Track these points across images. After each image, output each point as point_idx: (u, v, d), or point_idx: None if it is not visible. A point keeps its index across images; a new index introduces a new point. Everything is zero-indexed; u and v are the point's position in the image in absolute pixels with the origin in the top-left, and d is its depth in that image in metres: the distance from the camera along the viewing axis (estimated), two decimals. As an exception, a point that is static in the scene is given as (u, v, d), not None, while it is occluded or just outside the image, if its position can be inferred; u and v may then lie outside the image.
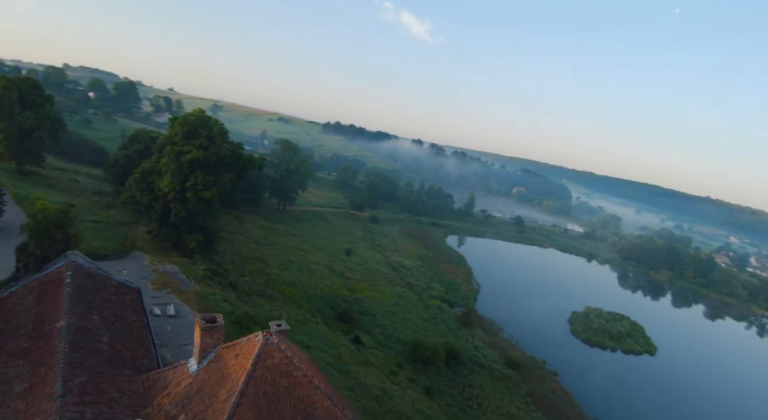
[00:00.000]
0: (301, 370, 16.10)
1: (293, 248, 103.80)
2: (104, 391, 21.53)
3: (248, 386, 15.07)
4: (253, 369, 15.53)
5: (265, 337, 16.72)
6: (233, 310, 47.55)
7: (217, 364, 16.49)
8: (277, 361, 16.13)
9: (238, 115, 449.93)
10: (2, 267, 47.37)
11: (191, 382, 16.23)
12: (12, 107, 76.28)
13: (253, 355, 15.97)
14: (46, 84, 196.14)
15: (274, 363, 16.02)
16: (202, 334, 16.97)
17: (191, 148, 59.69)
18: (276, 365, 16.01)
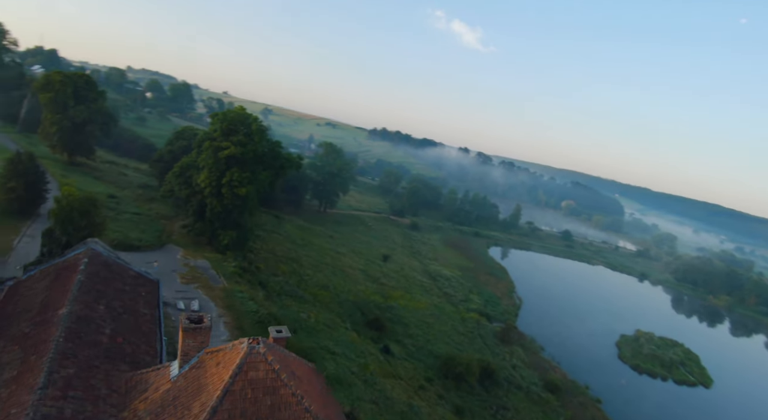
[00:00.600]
0: (290, 387, 13.55)
1: (330, 251, 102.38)
2: (93, 387, 19.88)
3: (224, 402, 12.70)
4: (231, 382, 13.13)
5: (249, 345, 14.30)
6: (258, 309, 45.95)
7: (198, 372, 14.22)
8: (262, 375, 13.66)
9: (287, 119, 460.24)
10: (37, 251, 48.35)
11: (169, 389, 14.06)
12: (66, 101, 79.29)
13: (233, 365, 13.59)
14: (107, 84, 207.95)
15: (257, 377, 13.57)
16: (184, 335, 14.73)
17: (229, 145, 59.22)
18: (260, 380, 13.55)
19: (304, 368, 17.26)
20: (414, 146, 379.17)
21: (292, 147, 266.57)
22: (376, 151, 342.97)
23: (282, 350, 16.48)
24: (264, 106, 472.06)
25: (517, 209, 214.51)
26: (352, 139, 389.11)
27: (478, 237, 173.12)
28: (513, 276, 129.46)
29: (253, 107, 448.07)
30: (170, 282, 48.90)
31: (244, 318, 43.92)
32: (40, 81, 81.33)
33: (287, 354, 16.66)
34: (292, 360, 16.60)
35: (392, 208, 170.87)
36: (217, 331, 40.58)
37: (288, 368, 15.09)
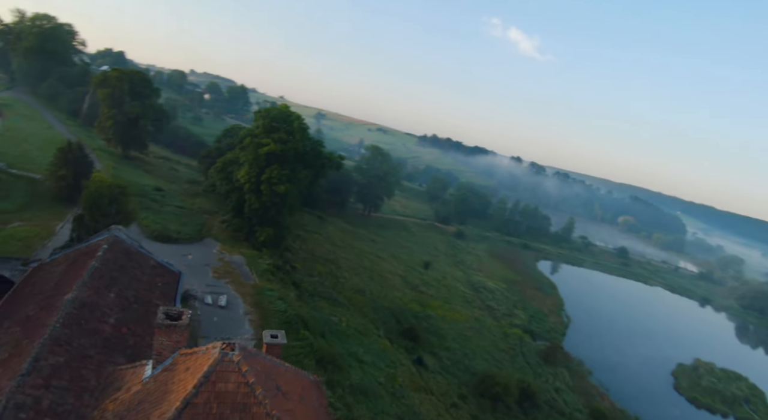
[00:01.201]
0: (264, 405, 11.22)
1: (370, 254, 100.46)
2: (81, 378, 18.49)
3: (182, 415, 10.56)
4: (194, 393, 10.96)
5: (222, 351, 12.07)
6: (286, 309, 44.32)
7: (167, 375, 12.22)
8: (232, 388, 11.41)
9: (339, 124, 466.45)
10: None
11: (138, 392, 12.19)
12: (123, 97, 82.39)
13: (200, 373, 11.43)
14: (168, 85, 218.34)
15: (226, 389, 11.34)
16: (158, 332, 12.74)
17: (269, 141, 58.66)
18: (229, 393, 11.31)
19: (299, 382, 14.90)
20: (464, 154, 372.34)
21: (341, 151, 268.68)
22: (426, 157, 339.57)
23: (269, 359, 14.20)
24: (317, 110, 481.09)
25: (570, 222, 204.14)
26: (402, 145, 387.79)
27: (527, 249, 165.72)
28: (562, 292, 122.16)
29: (306, 111, 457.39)
30: (202, 275, 48.45)
31: (271, 317, 42.40)
32: (99, 77, 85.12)
33: (275, 364, 14.36)
34: (281, 372, 14.27)
35: (438, 215, 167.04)
36: (242, 329, 39.27)
37: (270, 382, 12.80)
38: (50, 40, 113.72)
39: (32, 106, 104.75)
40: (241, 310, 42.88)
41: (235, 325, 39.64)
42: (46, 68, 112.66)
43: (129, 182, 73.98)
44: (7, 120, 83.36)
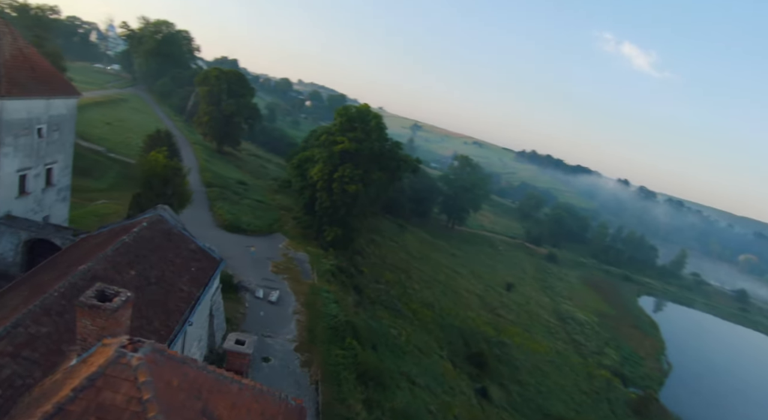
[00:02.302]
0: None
1: (447, 268, 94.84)
2: (59, 353, 16.40)
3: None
4: (71, 398, 7.65)
5: (119, 350, 8.57)
6: (337, 314, 41.02)
7: (78, 368, 9.06)
8: (121, 402, 7.93)
9: (435, 135, 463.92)
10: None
11: (57, 380, 9.19)
12: (220, 95, 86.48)
13: (85, 374, 8.09)
14: (274, 91, 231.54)
15: (113, 402, 7.90)
16: (79, 312, 9.65)
17: (344, 139, 56.67)
18: (115, 408, 7.89)
19: (265, 409, 10.99)
20: (565, 172, 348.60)
21: (433, 162, 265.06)
22: (522, 173, 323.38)
23: (211, 372, 10.47)
24: (414, 122, 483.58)
25: (682, 256, 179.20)
26: (498, 160, 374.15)
27: (628, 281, 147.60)
28: (664, 334, 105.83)
29: (403, 122, 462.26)
30: (261, 268, 47.15)
31: (319, 319, 39.38)
32: (201, 76, 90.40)
33: (221, 380, 10.59)
34: (229, 391, 10.47)
35: (529, 235, 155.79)
36: (286, 328, 36.66)
37: (196, 403, 9.13)
38: (167, 44, 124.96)
39: (146, 101, 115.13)
40: (290, 308, 40.46)
41: (280, 323, 37.14)
42: (162, 69, 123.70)
43: (215, 174, 76.96)
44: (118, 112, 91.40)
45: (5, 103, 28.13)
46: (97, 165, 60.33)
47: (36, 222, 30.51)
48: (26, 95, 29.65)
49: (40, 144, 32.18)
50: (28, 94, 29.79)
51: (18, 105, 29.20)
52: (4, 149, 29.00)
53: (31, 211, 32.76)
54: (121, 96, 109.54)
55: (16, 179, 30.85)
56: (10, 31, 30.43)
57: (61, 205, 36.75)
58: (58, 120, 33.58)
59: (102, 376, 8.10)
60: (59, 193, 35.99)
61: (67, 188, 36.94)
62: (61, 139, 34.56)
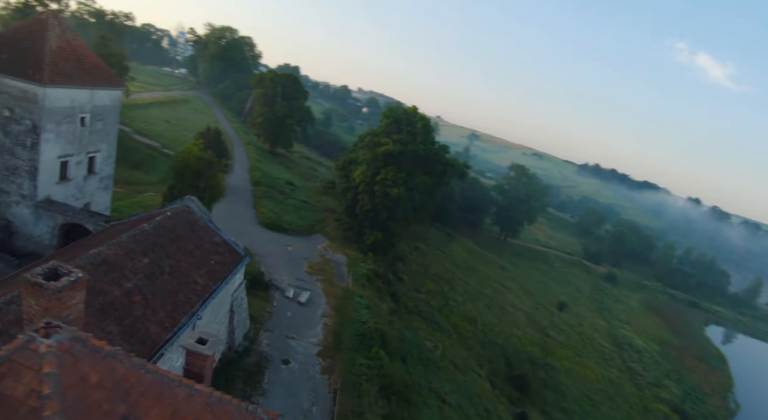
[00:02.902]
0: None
1: (494, 282, 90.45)
2: None
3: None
4: None
5: (29, 335, 7.10)
6: (367, 321, 39.06)
7: None
8: (21, 394, 6.49)
9: (492, 145, 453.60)
10: (214, 215, 51.11)
11: None
12: (275, 97, 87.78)
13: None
14: (333, 98, 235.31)
15: (13, 393, 6.47)
16: (24, 290, 8.36)
17: (389, 141, 55.01)
18: (14, 400, 6.43)
19: (204, 417, 9.16)
20: (630, 188, 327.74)
21: (489, 172, 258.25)
22: (584, 187, 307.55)
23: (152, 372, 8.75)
24: (471, 131, 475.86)
25: (757, 283, 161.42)
26: (558, 173, 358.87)
27: (695, 308, 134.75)
28: (734, 369, 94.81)
29: (460, 132, 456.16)
30: (296, 268, 46.20)
31: (347, 325, 37.58)
32: (256, 78, 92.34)
33: (162, 381, 8.84)
34: (174, 397, 8.70)
35: (587, 252, 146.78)
36: (311, 331, 35.18)
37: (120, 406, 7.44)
38: (230, 50, 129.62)
39: (207, 103, 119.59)
40: (320, 310, 39.01)
41: (306, 325, 35.72)
42: (225, 73, 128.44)
43: (264, 173, 77.73)
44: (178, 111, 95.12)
45: (47, 90, 28.74)
46: (150, 159, 62.43)
47: (72, 207, 30.97)
48: (69, 84, 30.22)
49: (82, 132, 32.80)
50: (71, 83, 30.35)
51: (61, 93, 29.79)
52: (46, 135, 29.63)
53: (72, 197, 33.42)
54: (183, 97, 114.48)
55: (58, 165, 31.51)
56: (59, 24, 31.32)
57: (103, 194, 37.44)
58: (102, 110, 34.19)
59: (7, 362, 6.64)
60: (101, 182, 36.66)
61: (109, 177, 37.62)
62: (105, 129, 35.18)
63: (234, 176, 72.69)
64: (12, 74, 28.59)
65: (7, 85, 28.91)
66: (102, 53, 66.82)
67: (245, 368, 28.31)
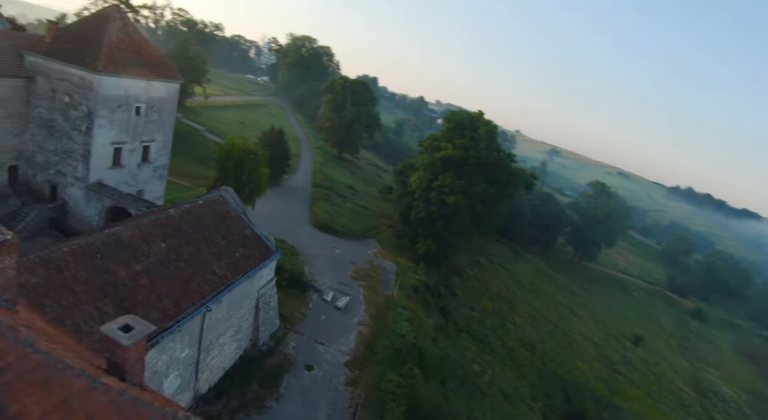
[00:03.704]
0: None
1: (561, 307, 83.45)
2: (41, 307, 15.55)
3: None
4: None
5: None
6: (406, 334, 36.38)
7: None
8: None
9: (573, 162, 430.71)
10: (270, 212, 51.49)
11: None
12: (344, 102, 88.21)
13: None
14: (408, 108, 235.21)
15: None
16: None
17: (448, 146, 52.11)
18: None
19: (108, 416, 7.28)
20: (727, 215, 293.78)
21: (568, 190, 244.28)
22: (673, 212, 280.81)
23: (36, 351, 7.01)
24: (551, 147, 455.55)
25: None
26: (645, 195, 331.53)
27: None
28: None
29: (540, 147, 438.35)
30: (340, 272, 44.63)
31: (383, 336, 35.18)
32: (327, 84, 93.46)
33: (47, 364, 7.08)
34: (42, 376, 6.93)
35: (672, 283, 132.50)
36: (343, 338, 33.17)
37: None
38: (309, 58, 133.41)
39: (283, 108, 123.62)
40: (356, 318, 36.92)
41: (339, 332, 33.75)
42: (302, 80, 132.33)
43: (326, 176, 77.81)
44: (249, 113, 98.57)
45: (102, 78, 29.56)
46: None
47: (119, 191, 31.59)
48: (125, 74, 30.98)
49: (137, 121, 33.58)
50: (127, 72, 31.11)
51: (115, 82, 30.57)
52: (99, 121, 30.49)
53: (124, 183, 34.29)
54: (260, 102, 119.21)
55: (111, 151, 32.39)
56: (121, 18, 32.44)
57: (157, 183, 38.28)
58: (158, 101, 34.92)
59: None
60: (156, 171, 37.48)
61: (164, 167, 38.41)
62: (161, 119, 35.92)
63: (296, 177, 73.48)
64: (73, 62, 29.80)
65: (69, 73, 30.18)
66: (183, 56, 70.98)
67: (265, 369, 26.85)
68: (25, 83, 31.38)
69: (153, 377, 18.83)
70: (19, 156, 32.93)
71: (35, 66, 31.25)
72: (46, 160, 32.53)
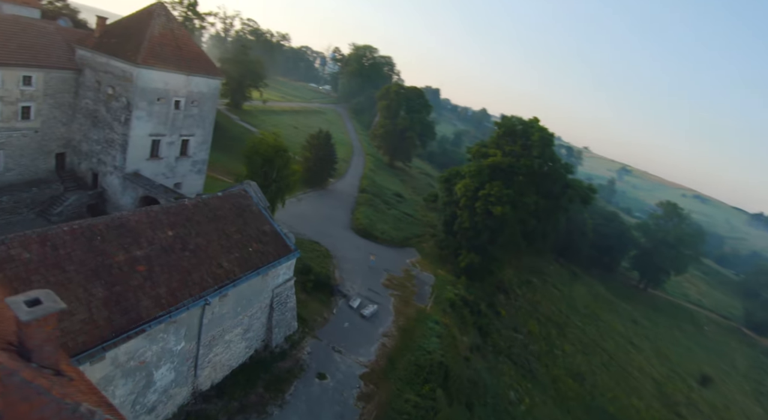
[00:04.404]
0: None
1: (619, 336, 76.65)
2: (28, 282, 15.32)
3: None
4: None
5: None
6: (433, 351, 33.88)
7: None
8: None
9: (645, 182, 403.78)
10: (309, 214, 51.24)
11: None
12: (398, 110, 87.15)
13: None
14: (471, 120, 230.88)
15: None
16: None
17: (497, 152, 49.15)
18: None
19: None
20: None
21: (637, 211, 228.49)
22: (755, 241, 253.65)
23: None
24: (622, 165, 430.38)
25: None
26: (724, 221, 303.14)
27: None
28: None
29: (609, 165, 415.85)
30: (373, 279, 42.93)
31: (408, 351, 32.93)
32: (382, 91, 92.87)
33: None
34: None
35: (750, 319, 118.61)
36: (363, 349, 31.32)
37: None
38: (369, 67, 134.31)
39: (341, 115, 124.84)
40: (382, 328, 34.95)
41: (361, 341, 31.92)
42: (362, 89, 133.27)
43: (373, 182, 76.78)
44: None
45: (141, 71, 30.05)
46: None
47: (152, 182, 31.91)
48: (164, 67, 31.39)
49: (176, 115, 33.98)
50: (166, 66, 31.52)
51: (154, 75, 31.02)
52: (137, 112, 30.99)
53: (161, 175, 34.76)
54: (319, 109, 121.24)
55: (149, 143, 32.90)
56: (166, 14, 33.08)
57: (196, 177, 38.67)
58: (198, 96, 35.23)
59: None
60: (194, 165, 37.87)
61: (203, 162, 38.78)
62: (201, 114, 36.24)
63: (343, 182, 73.07)
64: (116, 55, 30.59)
65: (112, 66, 31.02)
66: (241, 60, 73.11)
67: (274, 372, 25.55)
68: (75, 75, 32.67)
69: (142, 367, 18.00)
70: (67, 144, 34.29)
71: (84, 59, 32.48)
72: (90, 149, 33.61)
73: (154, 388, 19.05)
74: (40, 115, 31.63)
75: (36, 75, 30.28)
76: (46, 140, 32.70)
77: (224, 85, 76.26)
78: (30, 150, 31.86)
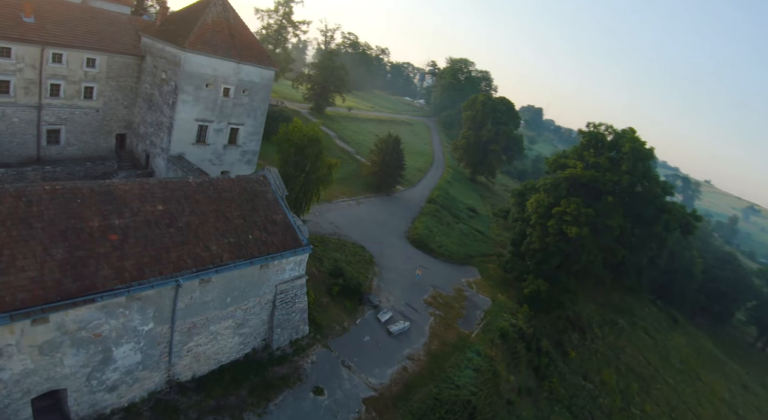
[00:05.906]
0: None
1: (722, 403, 63.82)
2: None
3: None
4: None
5: None
6: (463, 385, 29.35)
7: None
8: None
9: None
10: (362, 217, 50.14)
11: None
12: (483, 121, 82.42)
13: None
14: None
15: None
16: None
17: (577, 164, 43.09)
18: None
19: None
20: None
21: (763, 257, 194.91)
22: None
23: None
24: (749, 204, 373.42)
25: None
26: None
27: None
28: None
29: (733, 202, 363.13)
30: (415, 294, 39.27)
31: (430, 381, 28.79)
32: (468, 102, 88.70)
33: None
34: None
35: None
36: (381, 371, 27.79)
37: None
38: (463, 81, 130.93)
39: (429, 128, 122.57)
40: (408, 350, 31.14)
41: (379, 360, 28.52)
42: (453, 102, 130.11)
43: (446, 194, 72.95)
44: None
45: (188, 55, 30.22)
46: (337, 159, 65.12)
47: (192, 165, 31.89)
48: (212, 53, 31.38)
49: (224, 102, 33.87)
50: (215, 52, 31.49)
51: (202, 60, 31.07)
52: (183, 96, 31.21)
53: (207, 162, 34.83)
54: (408, 121, 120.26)
55: (195, 127, 33.05)
56: (222, 3, 33.26)
57: (245, 167, 38.35)
58: (250, 85, 34.91)
59: None
60: (243, 155, 37.60)
61: (253, 153, 38.39)
62: (252, 104, 35.91)
63: (413, 191, 70.24)
64: (170, 41, 31.25)
65: (166, 51, 31.74)
66: (326, 65, 74.21)
67: (266, 376, 23.25)
68: (138, 61, 34.04)
69: (97, 340, 16.65)
70: (128, 126, 35.82)
71: (146, 46, 33.77)
72: (145, 131, 34.72)
73: (115, 367, 17.66)
74: (102, 95, 33.26)
75: (99, 58, 31.90)
76: (107, 120, 34.36)
77: (308, 89, 78.32)
78: (91, 128, 33.61)
